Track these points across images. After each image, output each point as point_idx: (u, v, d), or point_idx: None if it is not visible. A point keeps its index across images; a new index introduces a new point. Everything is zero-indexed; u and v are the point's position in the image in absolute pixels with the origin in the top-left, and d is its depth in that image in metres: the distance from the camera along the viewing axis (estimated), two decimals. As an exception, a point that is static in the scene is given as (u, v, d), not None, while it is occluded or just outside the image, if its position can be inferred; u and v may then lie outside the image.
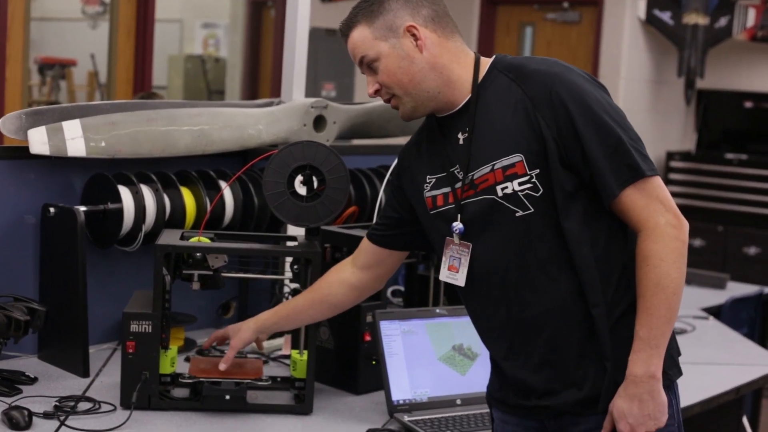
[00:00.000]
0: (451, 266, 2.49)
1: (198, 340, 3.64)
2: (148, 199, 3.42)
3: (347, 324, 3.23)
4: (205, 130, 3.55)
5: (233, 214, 3.64)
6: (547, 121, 2.33)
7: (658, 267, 2.29)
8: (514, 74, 2.41)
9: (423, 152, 2.58)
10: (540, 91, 2.35)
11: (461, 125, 2.46)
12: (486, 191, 2.40)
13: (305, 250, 3.04)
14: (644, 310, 2.31)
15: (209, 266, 3.05)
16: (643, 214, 2.32)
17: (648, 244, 2.30)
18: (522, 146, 2.35)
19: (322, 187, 3.09)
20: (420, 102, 2.47)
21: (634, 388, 2.31)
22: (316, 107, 3.83)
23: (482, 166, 2.40)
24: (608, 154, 2.31)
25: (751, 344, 4.48)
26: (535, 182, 2.35)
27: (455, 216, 2.47)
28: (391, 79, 2.45)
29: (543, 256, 2.38)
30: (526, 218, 2.36)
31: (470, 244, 2.45)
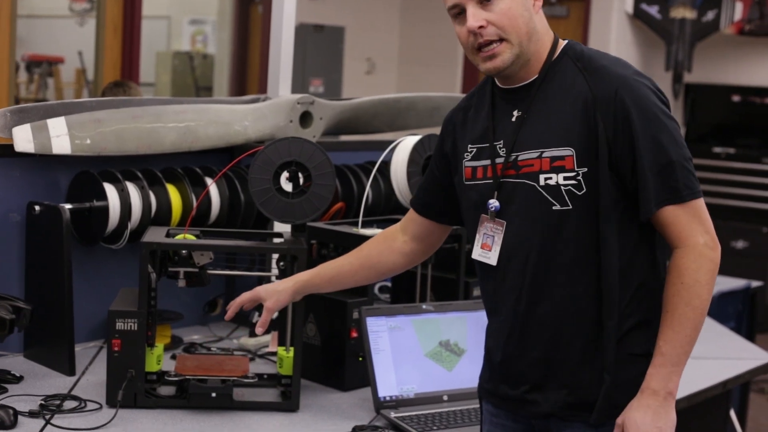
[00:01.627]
0: (484, 244, 2.44)
1: (184, 337, 3.64)
2: (134, 197, 3.41)
3: (334, 320, 3.22)
4: (190, 126, 3.54)
5: (219, 210, 3.64)
6: (605, 122, 2.29)
7: (692, 287, 2.26)
8: (583, 65, 2.37)
9: (469, 119, 2.52)
10: (605, 89, 2.31)
11: (519, 103, 2.41)
12: (528, 176, 2.36)
13: (291, 247, 3.03)
14: (670, 326, 2.28)
15: (195, 263, 3.05)
16: (684, 232, 2.29)
17: (685, 261, 2.28)
18: (575, 141, 2.31)
19: (308, 183, 3.09)
20: (519, 58, 2.36)
21: (651, 400, 2.29)
22: (302, 103, 3.82)
23: (529, 150, 2.36)
24: (657, 171, 2.28)
25: (738, 338, 4.48)
26: (580, 180, 2.31)
27: (491, 193, 2.42)
28: (511, 22, 2.33)
29: (569, 256, 2.34)
30: (562, 214, 2.33)
31: (505, 222, 2.40)
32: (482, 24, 2.33)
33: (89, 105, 3.48)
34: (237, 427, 2.86)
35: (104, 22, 7.92)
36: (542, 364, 2.40)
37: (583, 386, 2.37)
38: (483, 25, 2.33)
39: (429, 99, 4.50)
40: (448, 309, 3.18)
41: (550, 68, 2.39)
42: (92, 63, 8.59)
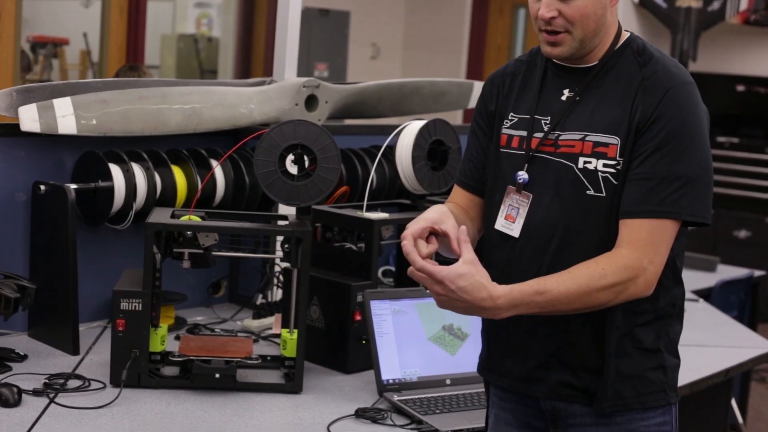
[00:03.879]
0: (508, 215, 2.42)
1: (188, 318, 3.65)
2: (139, 178, 3.42)
3: (338, 303, 3.23)
4: (196, 108, 3.54)
5: (224, 193, 3.64)
6: (644, 115, 2.28)
7: (606, 288, 2.23)
8: (644, 59, 2.36)
9: (516, 86, 2.50)
10: (658, 86, 2.30)
11: (573, 83, 2.40)
12: (566, 156, 2.35)
13: (296, 230, 3.03)
14: (567, 279, 2.23)
15: (200, 245, 3.05)
16: (639, 245, 2.26)
17: (622, 262, 2.25)
18: (622, 131, 2.30)
19: (314, 166, 3.09)
20: (579, 50, 2.36)
21: (488, 300, 2.20)
22: (308, 86, 3.82)
23: (574, 131, 2.36)
24: (656, 183, 2.26)
25: (740, 327, 4.49)
26: (619, 170, 2.30)
27: (522, 164, 2.41)
28: (582, 19, 2.32)
29: (592, 241, 2.33)
30: (595, 199, 2.32)
31: (531, 195, 2.39)
32: (554, 15, 2.33)
33: (95, 86, 3.49)
34: (240, 408, 2.87)
35: (110, 3, 7.92)
36: (551, 342, 2.39)
37: (588, 371, 2.37)
38: (554, 16, 2.33)
39: (434, 84, 4.50)
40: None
41: (611, 58, 2.39)
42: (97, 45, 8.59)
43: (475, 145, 2.58)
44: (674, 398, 2.42)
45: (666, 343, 2.39)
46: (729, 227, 8.72)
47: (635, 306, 2.33)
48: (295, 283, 3.07)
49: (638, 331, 2.36)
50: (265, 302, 3.65)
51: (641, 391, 2.36)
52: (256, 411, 2.87)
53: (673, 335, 2.41)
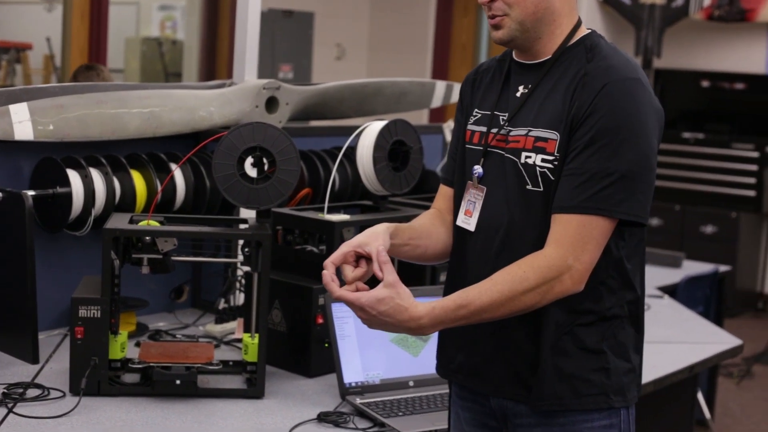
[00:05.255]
0: (467, 210, 2.44)
1: (150, 324, 3.61)
2: (98, 183, 3.38)
3: (299, 306, 3.21)
4: (155, 112, 3.51)
5: (185, 196, 3.62)
6: (580, 110, 2.27)
7: (530, 290, 2.22)
8: (592, 54, 2.35)
9: (484, 83, 2.53)
10: (596, 81, 2.28)
11: (527, 79, 2.41)
12: (513, 152, 2.36)
13: (255, 233, 3.01)
14: (488, 288, 2.22)
15: (159, 250, 3.03)
16: (565, 242, 2.25)
17: (545, 261, 2.24)
18: (561, 126, 2.30)
19: (273, 169, 3.07)
20: (522, 35, 2.36)
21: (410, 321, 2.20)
22: (268, 88, 3.80)
23: (522, 127, 2.36)
24: (588, 177, 2.24)
25: (705, 322, 4.49)
26: (556, 165, 2.29)
27: (479, 159, 2.43)
28: (519, 1, 2.33)
29: (533, 236, 2.32)
30: (533, 194, 2.32)
31: (485, 188, 2.40)
32: None
33: (53, 90, 3.45)
34: (201, 414, 2.85)
35: (71, 7, 7.86)
36: (493, 336, 2.39)
37: (528, 368, 2.36)
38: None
39: (396, 84, 4.48)
40: (414, 294, 3.13)
41: (563, 52, 2.39)
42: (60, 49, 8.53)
43: (455, 142, 2.60)
44: (620, 402, 2.38)
45: (612, 346, 2.36)
46: (695, 223, 8.75)
47: (576, 305, 2.31)
48: (255, 287, 3.04)
49: (580, 330, 2.34)
50: (227, 307, 3.62)
51: (581, 392, 2.34)
52: (217, 417, 2.84)
53: (622, 338, 2.38)
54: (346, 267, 2.31)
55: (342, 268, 2.30)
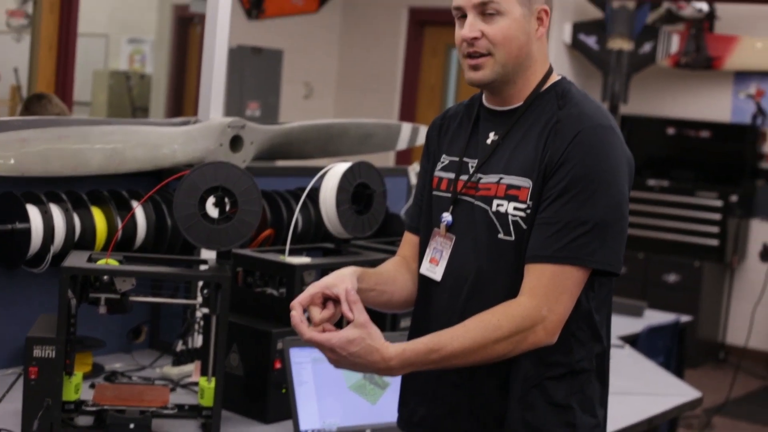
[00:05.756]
0: (432, 258, 2.42)
1: (106, 365, 3.56)
2: (58, 219, 3.34)
3: (257, 351, 3.17)
4: (118, 148, 3.48)
5: (145, 235, 3.57)
6: (552, 158, 2.26)
7: (503, 339, 2.20)
8: (564, 101, 2.34)
9: (452, 129, 2.51)
10: (568, 129, 2.27)
11: (498, 126, 2.39)
12: (483, 199, 2.34)
13: (215, 275, 2.97)
14: (461, 335, 2.20)
15: (117, 290, 2.98)
16: (539, 293, 2.23)
17: (519, 311, 2.22)
18: (533, 173, 2.28)
19: (234, 209, 3.04)
20: (502, 78, 2.34)
21: (380, 362, 2.18)
22: (233, 127, 3.77)
23: (493, 174, 2.34)
24: (566, 225, 2.23)
25: (665, 374, 4.48)
26: (529, 214, 2.28)
27: (447, 207, 2.41)
28: (505, 41, 2.31)
29: (503, 286, 2.30)
30: (505, 243, 2.30)
31: (454, 237, 2.38)
32: (476, 35, 2.32)
33: (15, 124, 3.40)
34: (155, 458, 2.80)
35: (39, 38, 7.82)
36: (459, 389, 2.36)
37: (496, 421, 2.33)
38: (477, 36, 2.32)
39: (361, 126, 4.47)
40: (375, 341, 3.13)
41: (535, 99, 2.38)
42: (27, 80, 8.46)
43: (421, 189, 2.58)
44: None
45: (580, 401, 2.34)
46: (659, 271, 8.76)
47: (546, 357, 2.29)
48: (214, 329, 3.01)
49: (549, 384, 2.31)
50: (185, 349, 3.58)
51: None
52: (171, 462, 2.80)
53: (590, 393, 2.36)
54: (313, 308, 2.27)
55: (309, 309, 2.27)
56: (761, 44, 8.62)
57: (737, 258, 8.83)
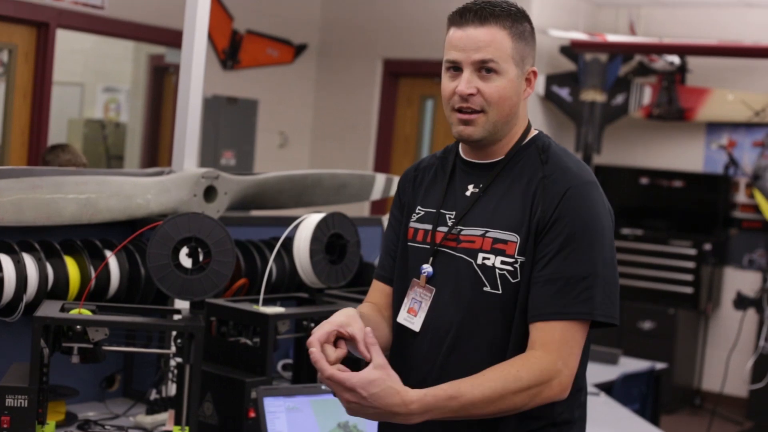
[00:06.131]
0: (411, 309, 2.41)
1: (80, 414, 3.54)
2: (30, 269, 3.33)
3: (231, 399, 3.16)
4: (91, 198, 3.48)
5: (119, 285, 3.57)
6: (544, 215, 2.28)
7: (522, 390, 2.20)
8: (546, 156, 2.37)
9: (426, 180, 2.51)
10: (556, 186, 2.30)
11: (477, 179, 2.40)
12: (466, 252, 2.34)
13: (188, 324, 2.98)
14: (480, 383, 2.18)
15: (90, 339, 2.98)
16: (553, 348, 2.24)
17: (538, 364, 2.22)
18: (522, 229, 2.30)
19: (208, 260, 3.05)
20: (490, 136, 2.36)
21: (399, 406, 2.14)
22: (206, 177, 3.78)
23: (475, 227, 2.35)
24: (563, 284, 2.25)
25: (640, 421, 4.49)
26: (517, 268, 2.29)
27: (426, 258, 2.40)
28: (500, 101, 2.33)
29: (486, 338, 2.31)
30: (491, 297, 2.31)
31: (434, 289, 2.37)
32: (473, 92, 2.33)
33: (-12, 174, 3.42)
34: None
35: (13, 86, 7.82)
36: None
37: None
38: (473, 93, 2.33)
39: (335, 176, 4.49)
40: (348, 390, 3.13)
41: (516, 153, 2.40)
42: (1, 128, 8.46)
43: (392, 239, 2.57)
44: None
45: None
46: (633, 318, 8.77)
47: (530, 411, 2.29)
48: (187, 378, 3.00)
49: None
50: (159, 397, 3.56)
51: None
52: None
53: None
54: (327, 347, 2.23)
55: (324, 348, 2.22)
56: (732, 96, 8.70)
57: (711, 305, 8.86)
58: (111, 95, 11.73)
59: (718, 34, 8.77)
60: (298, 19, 9.75)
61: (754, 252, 8.88)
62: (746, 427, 8.29)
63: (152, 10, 8.26)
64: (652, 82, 8.99)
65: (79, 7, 7.73)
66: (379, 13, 9.62)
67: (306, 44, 9.82)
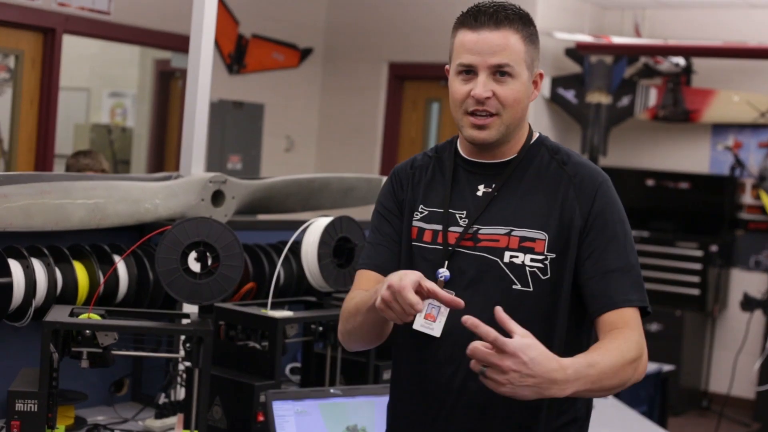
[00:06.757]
0: (428, 314, 2.36)
1: (89, 418, 3.56)
2: (39, 274, 3.35)
3: (240, 403, 3.17)
4: (99, 203, 3.49)
5: (127, 289, 3.58)
6: (583, 212, 2.33)
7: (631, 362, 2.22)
8: (561, 158, 2.41)
9: (425, 179, 2.49)
10: (587, 184, 2.35)
11: (488, 179, 2.41)
12: (490, 251, 2.34)
13: (197, 329, 2.98)
14: (604, 354, 2.19)
15: (99, 344, 2.99)
16: (635, 328, 2.28)
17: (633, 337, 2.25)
18: (551, 227, 2.32)
19: (216, 264, 3.05)
20: (502, 138, 2.38)
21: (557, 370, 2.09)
22: (214, 182, 3.79)
23: (497, 225, 2.35)
24: (624, 271, 2.31)
25: (648, 423, 4.49)
26: (547, 265, 2.32)
27: (442, 261, 2.38)
28: (514, 104, 2.35)
29: None
30: (522, 294, 2.31)
31: (453, 292, 2.31)
32: (489, 95, 2.34)
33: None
34: None
35: (21, 92, 7.85)
36: None
37: None
38: (489, 96, 2.34)
39: (343, 180, 4.50)
40: (357, 393, 3.15)
41: (528, 152, 2.43)
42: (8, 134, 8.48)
43: (388, 231, 2.50)
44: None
45: None
46: (640, 321, 8.77)
47: (559, 405, 2.33)
48: (196, 382, 3.01)
49: None
50: (167, 401, 3.57)
51: None
52: None
53: None
54: None
55: None
56: (738, 97, 8.70)
57: (718, 307, 8.85)
58: (117, 100, 11.76)
59: (722, 36, 8.77)
60: (304, 24, 9.77)
61: (760, 253, 8.87)
62: (754, 429, 8.29)
63: (158, 15, 8.28)
64: (657, 84, 8.99)
65: (86, 13, 7.75)
66: (384, 16, 9.64)
67: (311, 48, 9.84)
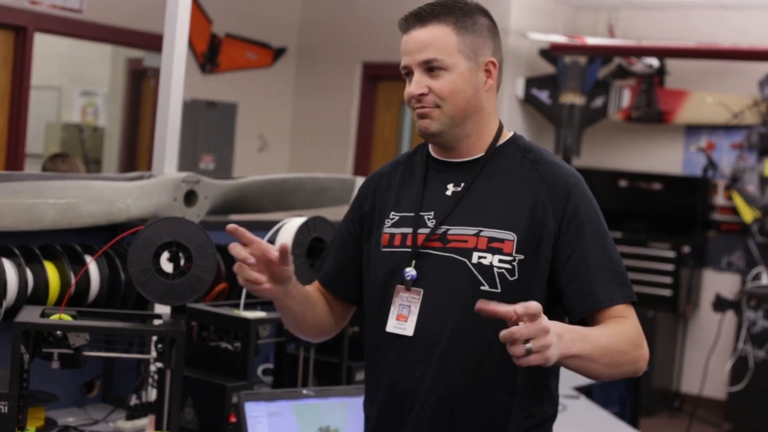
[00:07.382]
0: (400, 315, 2.38)
1: (59, 420, 3.53)
2: (10, 274, 3.32)
3: (212, 404, 3.16)
4: (72, 203, 3.47)
5: (99, 290, 3.55)
6: (556, 214, 2.32)
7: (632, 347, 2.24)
8: (533, 157, 2.40)
9: (395, 185, 2.50)
10: (559, 184, 2.34)
11: (456, 178, 2.40)
12: (458, 251, 2.33)
13: (169, 329, 2.96)
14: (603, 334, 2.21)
15: (70, 345, 2.96)
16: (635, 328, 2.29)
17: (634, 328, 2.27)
18: (520, 228, 2.31)
19: (189, 264, 3.03)
20: (451, 131, 2.38)
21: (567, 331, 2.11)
22: (187, 182, 3.77)
23: (465, 226, 2.34)
24: (608, 269, 2.31)
25: (620, 424, 4.50)
26: (515, 266, 2.30)
27: (408, 261, 2.38)
28: (451, 95, 2.35)
29: (484, 339, 2.30)
30: (489, 295, 2.29)
31: (422, 290, 2.35)
32: (423, 92, 2.36)
33: (-33, 179, 3.40)
34: None
35: (-9, 92, 7.81)
36: None
37: None
38: (424, 92, 2.36)
39: (316, 180, 4.48)
40: (329, 394, 3.13)
41: (497, 150, 2.41)
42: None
43: (341, 247, 2.58)
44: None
45: None
46: (612, 321, 8.79)
47: (529, 407, 2.33)
48: (168, 383, 2.99)
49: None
50: (139, 403, 3.55)
51: None
52: None
53: None
54: None
55: None
56: (711, 99, 8.74)
57: (690, 308, 8.89)
58: (88, 99, 11.71)
59: (696, 37, 8.80)
60: (278, 23, 9.74)
61: (732, 254, 8.91)
62: (725, 429, 8.32)
63: (130, 13, 8.24)
64: (630, 85, 9.01)
65: (58, 11, 7.70)
66: (359, 16, 9.63)
67: (285, 48, 9.82)
